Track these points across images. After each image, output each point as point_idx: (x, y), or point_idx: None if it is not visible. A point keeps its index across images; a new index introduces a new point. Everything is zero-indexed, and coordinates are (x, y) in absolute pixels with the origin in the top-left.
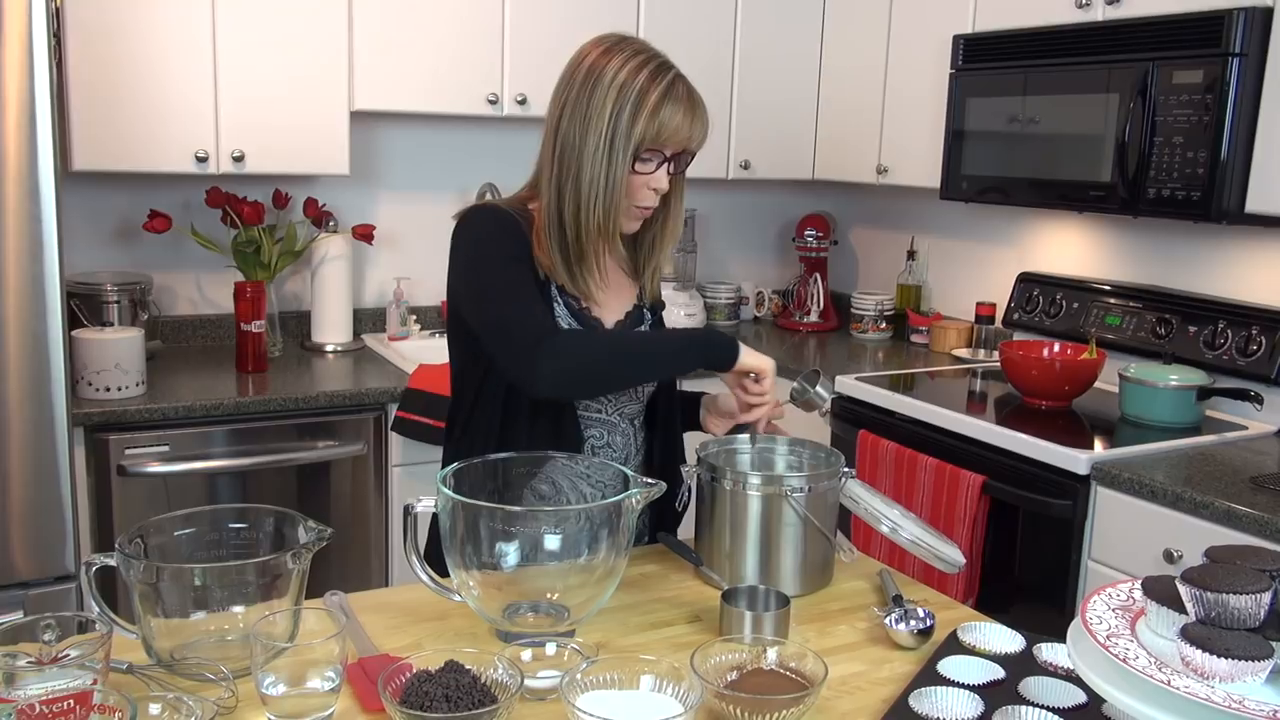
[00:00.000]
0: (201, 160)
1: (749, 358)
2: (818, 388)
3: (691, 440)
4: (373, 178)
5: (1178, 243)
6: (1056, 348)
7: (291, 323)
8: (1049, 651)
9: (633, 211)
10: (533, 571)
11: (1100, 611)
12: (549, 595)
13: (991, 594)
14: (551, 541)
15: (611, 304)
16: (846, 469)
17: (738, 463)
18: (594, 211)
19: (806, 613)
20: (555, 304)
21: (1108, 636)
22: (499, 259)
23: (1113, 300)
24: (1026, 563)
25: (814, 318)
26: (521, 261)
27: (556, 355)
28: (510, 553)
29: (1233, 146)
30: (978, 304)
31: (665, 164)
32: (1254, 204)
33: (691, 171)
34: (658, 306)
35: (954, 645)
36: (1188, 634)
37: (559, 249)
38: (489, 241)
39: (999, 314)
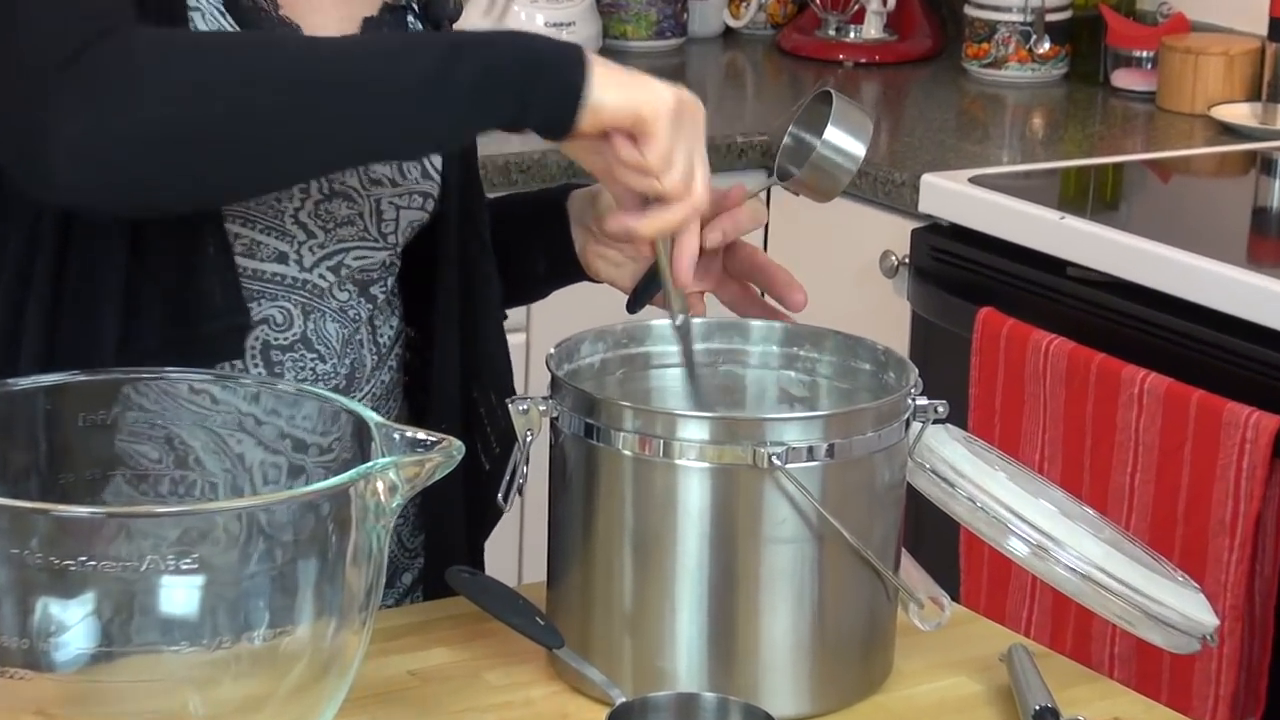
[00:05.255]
0: None
1: (608, 92)
2: (828, 135)
3: (545, 333)
4: None
5: None
6: None
7: None
8: None
9: None
10: (127, 670)
11: None
12: None
13: None
14: (174, 593)
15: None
16: (928, 401)
17: (650, 387)
18: None
19: None
20: None
21: None
22: None
23: None
24: None
25: (875, 33)
26: None
27: (126, 79)
28: (71, 624)
29: None
30: None
31: None
32: None
33: None
34: (440, 8)
35: None
36: None
37: None
38: None
39: None
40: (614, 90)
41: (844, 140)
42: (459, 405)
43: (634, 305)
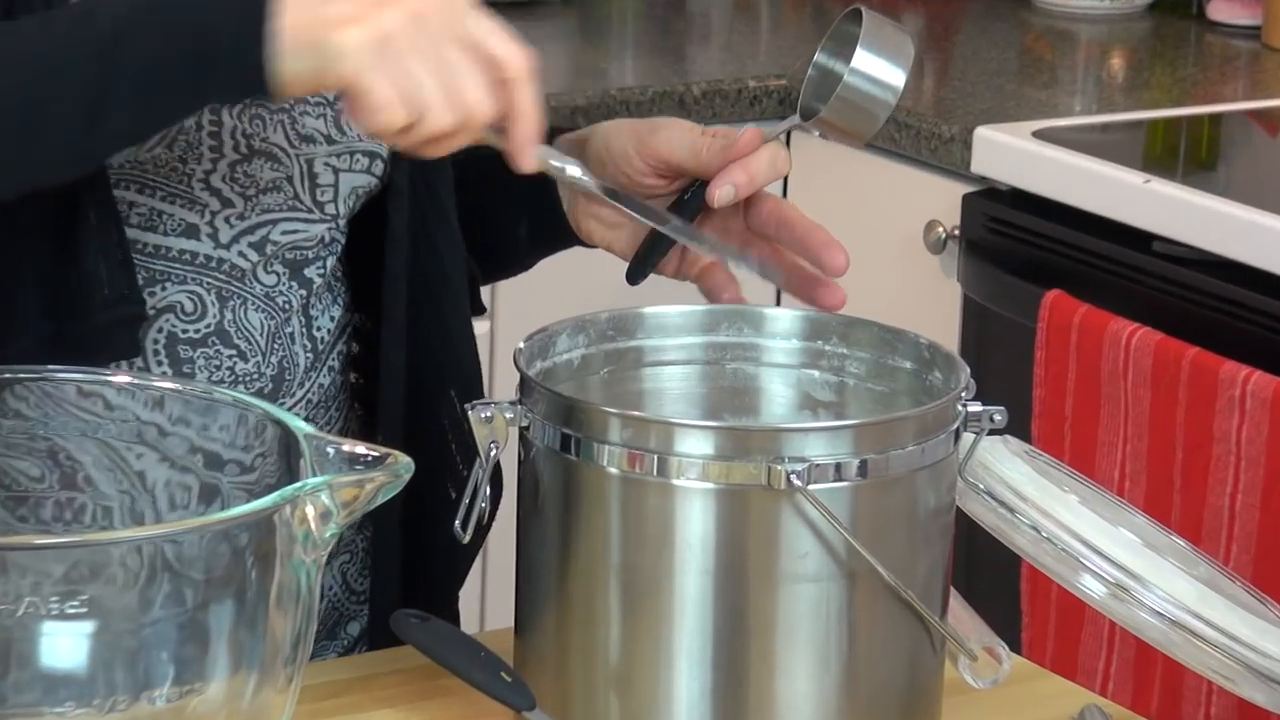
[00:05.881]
0: None
1: (296, 62)
2: (857, 61)
3: (513, 322)
4: None
5: None
6: None
7: None
8: None
9: None
10: None
11: None
12: None
13: None
14: (59, 642)
15: None
16: (983, 408)
17: (642, 389)
18: None
19: None
20: None
21: None
22: None
23: None
24: None
25: None
26: None
27: None
28: None
29: None
30: None
31: None
32: None
33: None
34: None
35: None
36: None
37: None
38: None
39: None
40: (300, 57)
41: (877, 66)
42: (410, 409)
43: (635, 275)
